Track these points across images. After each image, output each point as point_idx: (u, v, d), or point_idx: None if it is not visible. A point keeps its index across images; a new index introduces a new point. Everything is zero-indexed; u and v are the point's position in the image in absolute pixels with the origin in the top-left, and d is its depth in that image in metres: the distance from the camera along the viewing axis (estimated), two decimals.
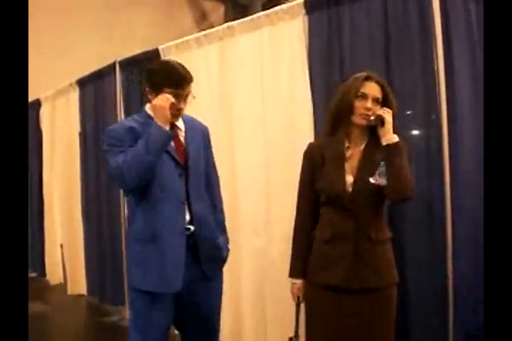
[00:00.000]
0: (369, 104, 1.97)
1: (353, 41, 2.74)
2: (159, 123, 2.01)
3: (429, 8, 2.46)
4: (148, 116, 2.15)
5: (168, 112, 2.02)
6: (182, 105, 2.11)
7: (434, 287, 2.48)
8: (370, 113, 1.97)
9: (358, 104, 1.98)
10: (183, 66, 2.14)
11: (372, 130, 2.01)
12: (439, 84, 2.44)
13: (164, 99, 2.01)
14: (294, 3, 3.00)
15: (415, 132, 2.65)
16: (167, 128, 2.03)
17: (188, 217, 2.15)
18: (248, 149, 3.26)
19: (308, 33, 2.93)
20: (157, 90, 2.09)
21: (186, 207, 2.15)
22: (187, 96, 2.13)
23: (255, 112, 3.22)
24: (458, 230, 2.43)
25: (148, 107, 2.20)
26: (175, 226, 2.12)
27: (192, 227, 2.16)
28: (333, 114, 2.06)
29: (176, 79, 2.08)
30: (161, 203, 2.11)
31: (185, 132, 2.24)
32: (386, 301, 2.00)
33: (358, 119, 1.99)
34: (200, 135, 2.31)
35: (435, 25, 2.44)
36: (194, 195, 2.19)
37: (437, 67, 2.45)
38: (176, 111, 2.10)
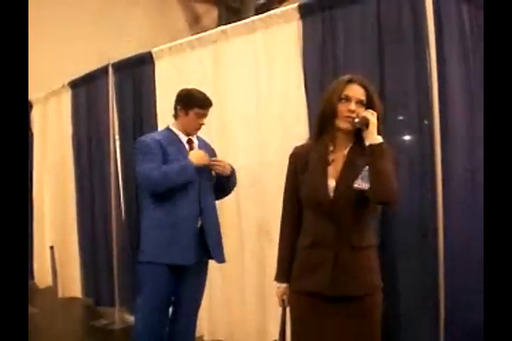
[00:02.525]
0: (352, 106, 1.91)
1: (346, 45, 2.75)
2: (195, 165, 2.70)
3: (423, 13, 2.47)
4: (172, 132, 2.85)
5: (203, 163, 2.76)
6: (203, 122, 2.84)
7: (426, 288, 2.48)
8: (354, 115, 1.90)
9: (342, 106, 1.92)
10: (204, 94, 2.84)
11: (357, 134, 1.95)
12: (431, 87, 2.45)
13: (204, 158, 2.75)
14: (288, 7, 3.01)
15: (407, 137, 2.66)
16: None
17: (198, 209, 2.76)
18: (242, 152, 3.27)
19: (302, 37, 2.94)
20: (188, 109, 2.78)
21: (198, 202, 2.76)
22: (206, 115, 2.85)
23: (249, 116, 3.23)
24: (449, 234, 2.43)
25: (172, 124, 2.88)
26: (190, 216, 2.74)
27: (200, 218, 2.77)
28: (318, 118, 2.02)
29: (205, 103, 2.81)
30: (179, 199, 2.72)
31: (198, 146, 2.88)
32: (368, 309, 1.94)
33: (342, 123, 1.93)
34: (209, 150, 2.94)
35: (428, 30, 2.46)
36: (204, 194, 2.80)
37: (430, 71, 2.46)
38: (199, 126, 2.84)
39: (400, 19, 2.59)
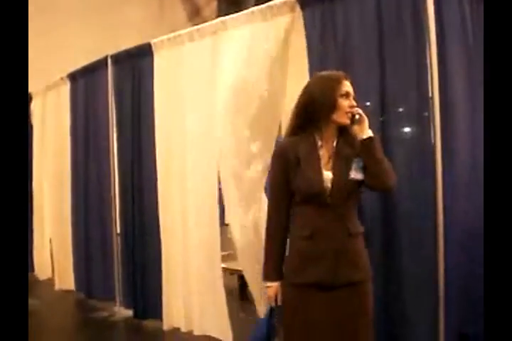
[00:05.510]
0: (353, 102, 2.03)
1: (346, 36, 2.73)
2: None
3: (423, 4, 2.45)
4: None
5: None
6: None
7: (426, 283, 2.48)
8: (354, 111, 2.01)
9: (343, 102, 2.01)
10: None
11: (341, 127, 2.05)
12: (432, 78, 2.44)
13: None
14: None
15: (408, 129, 2.65)
16: None
17: None
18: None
19: (302, 28, 2.91)
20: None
21: None
22: None
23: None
24: (449, 227, 2.43)
25: None
26: None
27: None
28: (306, 110, 2.05)
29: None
30: None
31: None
32: (365, 294, 2.03)
33: (343, 118, 2.01)
34: None
35: (429, 21, 2.44)
36: None
37: (431, 61, 2.45)
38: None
39: (400, 10, 2.56)
